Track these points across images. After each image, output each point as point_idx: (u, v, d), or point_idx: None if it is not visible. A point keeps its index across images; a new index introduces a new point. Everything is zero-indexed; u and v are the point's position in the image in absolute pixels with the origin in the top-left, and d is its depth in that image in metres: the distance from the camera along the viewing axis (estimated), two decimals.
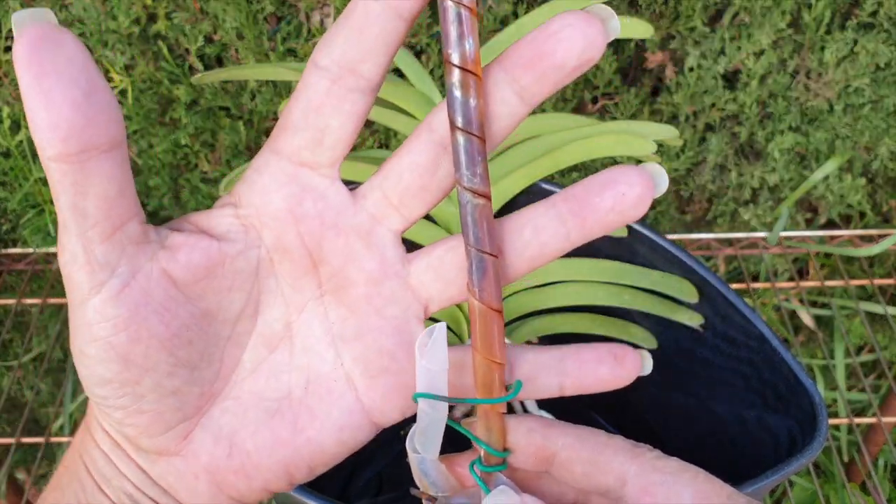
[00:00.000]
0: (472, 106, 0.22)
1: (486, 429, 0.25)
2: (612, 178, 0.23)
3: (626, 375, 0.25)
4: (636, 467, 0.25)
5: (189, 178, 0.76)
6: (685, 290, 0.50)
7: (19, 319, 0.86)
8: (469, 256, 0.23)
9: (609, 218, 0.23)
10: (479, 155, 0.22)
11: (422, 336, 0.25)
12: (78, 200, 0.22)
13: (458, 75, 0.21)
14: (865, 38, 0.66)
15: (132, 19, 0.66)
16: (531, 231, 0.24)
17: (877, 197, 0.78)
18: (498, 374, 0.24)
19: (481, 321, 0.24)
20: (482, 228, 0.23)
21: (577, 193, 0.23)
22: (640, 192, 0.23)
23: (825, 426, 0.41)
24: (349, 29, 0.22)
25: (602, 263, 0.51)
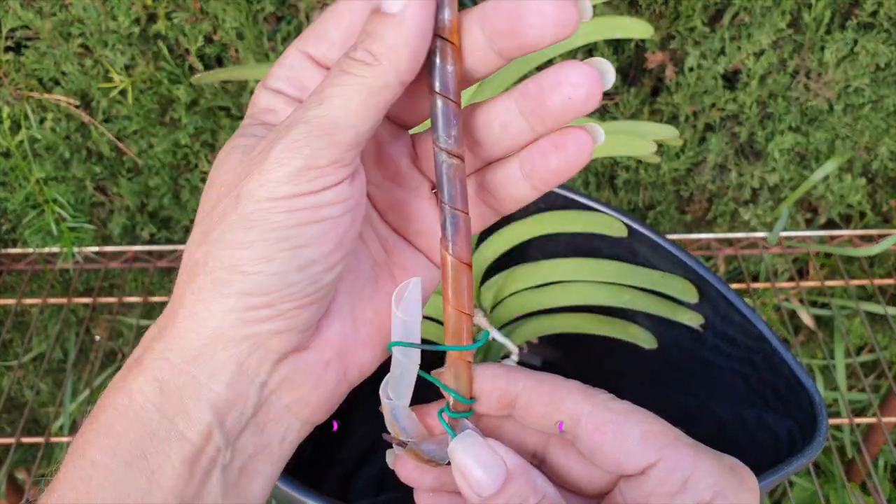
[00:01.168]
0: (450, 72, 0.23)
1: (454, 377, 0.27)
2: (558, 81, 0.24)
3: (576, 158, 0.26)
4: (590, 407, 0.27)
5: (189, 178, 0.76)
6: (685, 290, 0.50)
7: (19, 319, 0.86)
8: (443, 213, 0.25)
9: (563, 117, 0.25)
10: (454, 118, 0.24)
11: (398, 289, 0.26)
12: (380, 116, 0.23)
13: (437, 43, 0.23)
14: (865, 38, 0.66)
15: (132, 19, 0.65)
16: (500, 127, 0.26)
17: (877, 197, 0.78)
18: (467, 325, 0.26)
19: (453, 274, 0.25)
20: (455, 187, 0.25)
21: (531, 92, 0.25)
22: (588, 91, 0.24)
23: (825, 426, 0.41)
24: None
25: (602, 263, 0.51)
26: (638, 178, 0.76)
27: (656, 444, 0.26)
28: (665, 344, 0.53)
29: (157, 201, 0.77)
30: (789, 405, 0.45)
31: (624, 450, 0.26)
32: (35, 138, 0.72)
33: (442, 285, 0.26)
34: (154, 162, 0.74)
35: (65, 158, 0.74)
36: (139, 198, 0.77)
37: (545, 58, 0.48)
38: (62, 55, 0.68)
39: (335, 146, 0.23)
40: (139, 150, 0.74)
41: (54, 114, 0.72)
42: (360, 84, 0.23)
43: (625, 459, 0.26)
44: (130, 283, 0.83)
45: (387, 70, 0.23)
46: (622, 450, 0.26)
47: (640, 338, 0.53)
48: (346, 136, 0.23)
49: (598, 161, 0.76)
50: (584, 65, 0.24)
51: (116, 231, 0.78)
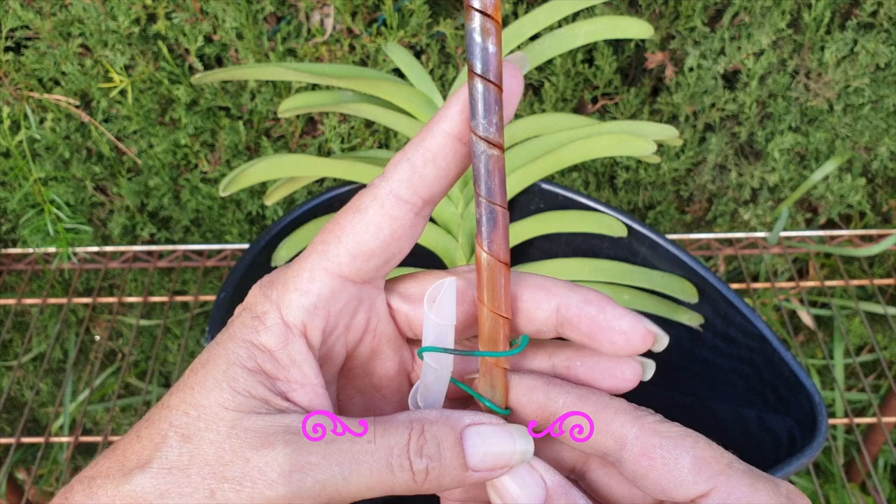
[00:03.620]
0: (492, 52, 0.22)
1: (489, 385, 0.25)
2: (612, 374, 0.26)
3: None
4: (636, 429, 0.24)
5: (189, 178, 0.76)
6: (685, 290, 0.50)
7: (19, 319, 0.86)
8: (479, 207, 0.23)
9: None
10: (496, 104, 0.22)
11: (431, 290, 0.25)
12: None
13: (478, 20, 0.21)
14: (865, 38, 0.66)
15: (132, 19, 0.65)
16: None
17: (877, 197, 0.78)
18: (504, 329, 0.24)
19: (489, 273, 0.24)
20: (494, 180, 0.23)
21: (580, 376, 0.26)
22: (630, 386, 0.26)
23: (825, 426, 0.41)
24: (438, 169, 0.24)
25: (602, 263, 0.51)
26: (638, 178, 0.76)
27: (708, 473, 0.24)
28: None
29: (156, 201, 0.77)
30: (789, 405, 0.44)
31: (673, 478, 0.24)
32: (35, 138, 0.72)
33: (477, 285, 0.25)
34: (154, 162, 0.74)
35: (64, 158, 0.74)
36: (139, 198, 0.77)
37: (543, 59, 0.48)
38: (62, 55, 0.68)
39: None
40: (139, 150, 0.74)
41: (54, 114, 0.72)
42: (392, 483, 0.23)
43: (674, 488, 0.24)
44: (130, 283, 0.83)
45: (417, 487, 0.23)
46: (671, 478, 0.24)
47: None
48: (343, 501, 0.23)
49: (599, 161, 0.76)
50: (635, 363, 0.26)
51: (116, 231, 0.78)
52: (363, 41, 0.68)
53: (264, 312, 0.24)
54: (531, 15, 0.47)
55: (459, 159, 0.23)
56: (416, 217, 0.24)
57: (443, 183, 0.24)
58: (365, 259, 0.24)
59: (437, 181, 0.24)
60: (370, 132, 0.73)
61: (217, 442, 0.22)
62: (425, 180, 0.23)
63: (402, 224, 0.24)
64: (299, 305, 0.24)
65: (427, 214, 0.25)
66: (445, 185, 0.24)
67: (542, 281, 0.25)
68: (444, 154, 0.23)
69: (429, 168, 0.23)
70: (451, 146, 0.23)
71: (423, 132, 0.23)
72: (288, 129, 0.74)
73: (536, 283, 0.25)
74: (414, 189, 0.23)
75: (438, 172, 0.23)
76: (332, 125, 0.72)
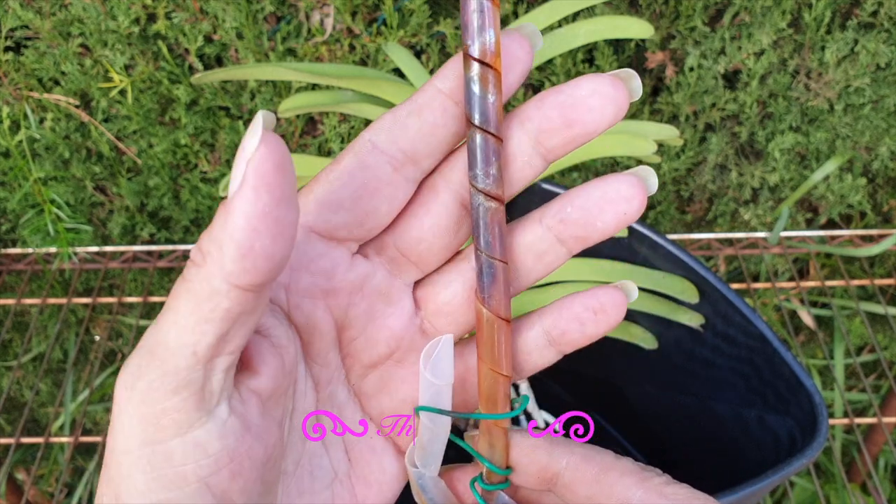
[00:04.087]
0: (491, 102, 0.21)
1: (488, 445, 0.24)
2: (608, 198, 0.22)
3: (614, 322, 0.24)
4: (642, 492, 0.23)
5: (189, 178, 0.76)
6: (686, 290, 0.50)
7: (19, 319, 0.86)
8: (478, 261, 0.22)
9: (613, 233, 0.23)
10: (494, 155, 0.21)
11: (427, 347, 0.24)
12: (232, 329, 0.19)
13: (477, 69, 0.20)
14: (866, 37, 0.66)
15: (132, 19, 0.65)
16: (534, 258, 0.23)
17: (877, 197, 0.78)
18: (504, 387, 0.23)
19: (488, 330, 0.23)
20: (493, 233, 0.22)
21: (574, 217, 0.22)
22: (640, 202, 0.22)
23: (825, 426, 0.41)
24: (423, 122, 0.22)
25: (602, 263, 0.51)
26: None
27: None
28: (665, 344, 0.53)
29: (156, 201, 0.77)
30: (789, 405, 0.44)
31: None
32: (34, 138, 0.72)
33: (476, 342, 0.23)
34: (154, 162, 0.74)
35: (64, 158, 0.74)
36: (139, 198, 0.77)
37: (543, 59, 0.48)
38: (62, 55, 0.68)
39: (170, 373, 0.19)
40: (139, 149, 0.74)
41: (54, 113, 0.71)
42: (187, 291, 0.19)
43: None
44: (130, 283, 0.83)
45: (212, 272, 0.18)
46: None
47: (641, 338, 0.53)
48: (183, 359, 0.19)
49: (599, 161, 0.76)
50: (630, 175, 0.22)
51: (116, 231, 0.78)
52: (363, 41, 0.68)
53: None
54: (531, 15, 0.47)
55: (449, 119, 0.22)
56: (393, 173, 0.22)
57: (428, 140, 0.22)
58: (332, 209, 0.22)
59: (420, 135, 0.22)
60: None
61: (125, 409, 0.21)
62: (407, 131, 0.22)
63: (375, 175, 0.22)
64: None
65: (413, 177, 0.22)
66: (432, 143, 0.22)
67: None
68: (432, 108, 0.21)
69: (412, 119, 0.22)
70: (440, 102, 0.21)
71: (416, 91, 0.22)
72: (288, 129, 0.74)
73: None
74: (393, 139, 0.22)
75: (423, 126, 0.22)
76: (332, 125, 0.72)
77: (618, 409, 0.59)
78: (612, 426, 0.60)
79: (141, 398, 0.19)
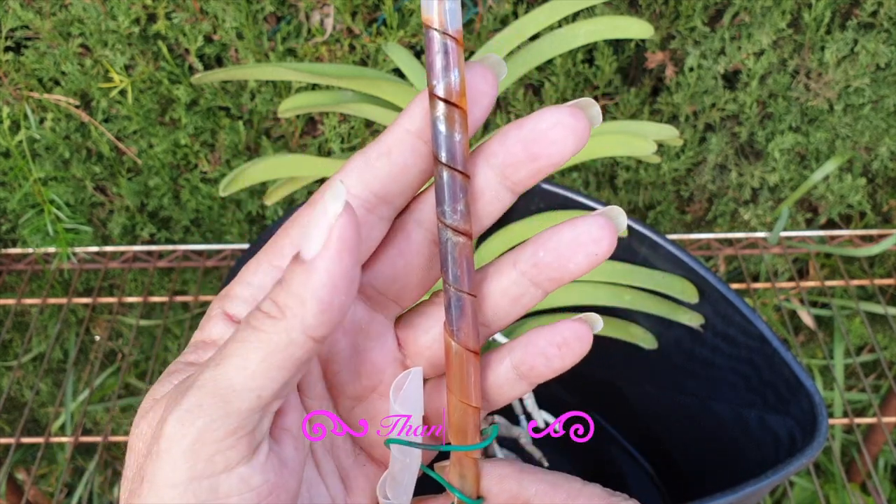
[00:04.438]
0: (457, 140, 0.21)
1: (459, 475, 0.25)
2: (581, 241, 0.22)
3: (579, 354, 0.24)
4: None
5: (189, 178, 0.76)
6: (686, 291, 0.50)
7: (19, 319, 0.86)
8: (447, 295, 0.23)
9: (584, 274, 0.23)
10: (461, 191, 0.22)
11: (397, 379, 0.24)
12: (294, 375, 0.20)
13: (442, 109, 0.21)
14: (865, 38, 0.66)
15: (132, 19, 0.65)
16: (510, 302, 0.24)
17: (877, 197, 0.78)
18: (473, 419, 0.24)
19: (457, 362, 0.23)
20: (461, 267, 0.22)
21: (547, 261, 0.23)
22: (609, 242, 0.22)
23: (825, 426, 0.41)
24: (393, 164, 0.22)
25: (603, 263, 0.51)
26: (638, 178, 0.76)
27: None
28: (665, 344, 0.53)
29: (156, 201, 0.77)
30: (789, 405, 0.44)
31: None
32: (34, 138, 0.72)
33: (446, 375, 0.24)
34: (154, 162, 0.74)
35: (64, 158, 0.74)
36: (139, 198, 0.77)
37: (543, 59, 0.48)
38: (62, 55, 0.68)
39: (232, 414, 0.20)
40: (139, 149, 0.74)
41: (54, 114, 0.71)
42: (261, 341, 0.20)
43: None
44: (130, 283, 0.83)
45: (291, 325, 0.20)
46: None
47: (641, 338, 0.53)
48: (246, 402, 0.20)
49: (599, 161, 0.76)
50: (599, 217, 0.22)
51: (116, 231, 0.78)
52: (363, 41, 0.68)
53: (211, 310, 0.23)
54: (531, 15, 0.47)
55: (419, 157, 0.22)
56: (367, 214, 0.23)
57: (399, 180, 0.22)
58: None
59: (391, 177, 0.22)
60: (370, 132, 0.73)
61: (143, 435, 0.22)
62: (377, 174, 0.22)
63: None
64: (239, 296, 0.23)
65: (386, 216, 0.23)
66: (403, 183, 0.23)
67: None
68: (401, 149, 0.22)
69: (382, 161, 0.22)
70: (409, 142, 0.22)
71: (384, 131, 0.23)
72: (288, 129, 0.74)
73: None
74: (364, 182, 0.22)
75: (393, 168, 0.22)
76: (332, 125, 0.72)
77: (618, 409, 0.59)
78: (612, 426, 0.60)
79: (197, 436, 0.20)
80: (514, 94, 0.71)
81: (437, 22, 0.20)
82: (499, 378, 0.25)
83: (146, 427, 0.21)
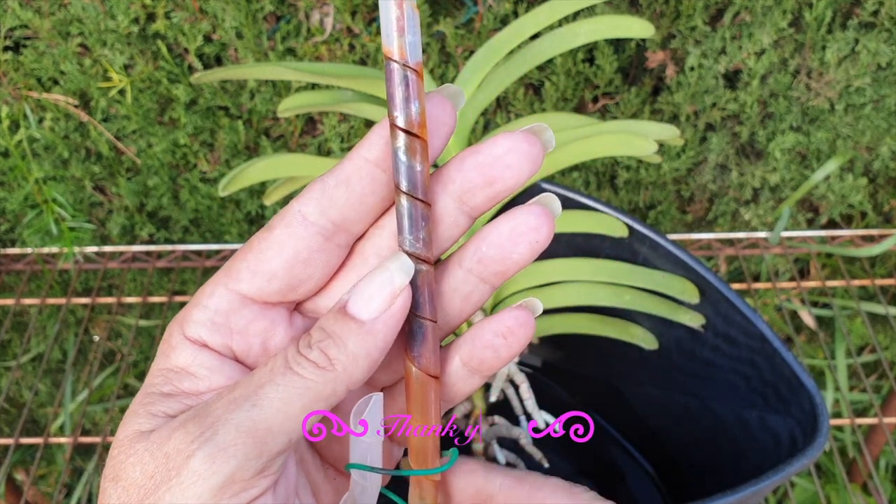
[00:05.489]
0: (418, 170, 0.22)
1: (419, 498, 0.25)
2: (518, 231, 0.23)
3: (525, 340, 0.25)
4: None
5: (188, 178, 0.75)
6: (686, 291, 0.50)
7: (18, 320, 0.86)
8: (408, 322, 0.23)
9: (528, 263, 0.24)
10: (422, 220, 0.22)
11: (358, 404, 0.24)
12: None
13: (403, 139, 0.21)
14: (866, 37, 0.66)
15: (131, 19, 0.65)
16: (461, 300, 0.24)
17: (878, 197, 0.78)
18: (433, 443, 0.24)
19: (418, 388, 0.23)
20: (424, 295, 0.23)
21: (491, 255, 0.23)
22: (549, 228, 0.23)
23: (826, 427, 0.41)
24: (351, 192, 0.23)
25: (603, 263, 0.51)
26: (639, 177, 0.76)
27: None
28: (666, 344, 0.52)
29: (156, 201, 0.77)
30: (790, 405, 0.44)
31: None
32: (34, 138, 0.72)
33: (406, 399, 0.24)
34: (153, 161, 0.74)
35: (63, 158, 0.74)
36: (138, 197, 0.77)
37: (544, 58, 0.48)
38: (61, 54, 0.68)
39: (265, 455, 0.21)
40: (138, 149, 0.74)
41: (53, 113, 0.71)
42: (307, 388, 0.21)
43: None
44: (129, 284, 0.83)
45: (340, 378, 0.21)
46: None
47: (641, 338, 0.53)
48: (279, 445, 0.21)
49: (599, 161, 0.76)
50: (534, 206, 0.23)
51: (115, 231, 0.78)
52: (363, 40, 0.68)
53: (170, 335, 0.23)
54: (531, 14, 0.47)
55: (377, 186, 0.23)
56: (325, 242, 0.23)
57: (357, 209, 0.23)
58: (266, 279, 0.23)
59: (349, 205, 0.23)
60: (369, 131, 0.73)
61: (142, 464, 0.21)
62: (335, 202, 0.23)
63: (307, 245, 0.23)
64: (197, 320, 0.23)
65: (344, 243, 0.23)
66: (361, 211, 0.23)
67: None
68: (359, 178, 0.22)
69: (340, 190, 0.22)
70: (367, 171, 0.22)
71: (342, 158, 0.23)
72: (287, 129, 0.74)
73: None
74: (322, 210, 0.23)
75: (351, 196, 0.22)
76: (332, 125, 0.72)
77: (618, 409, 0.59)
78: (612, 426, 0.60)
79: (230, 475, 0.20)
80: (515, 94, 0.71)
81: (397, 54, 0.21)
82: (450, 377, 0.25)
83: (147, 457, 0.21)
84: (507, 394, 0.50)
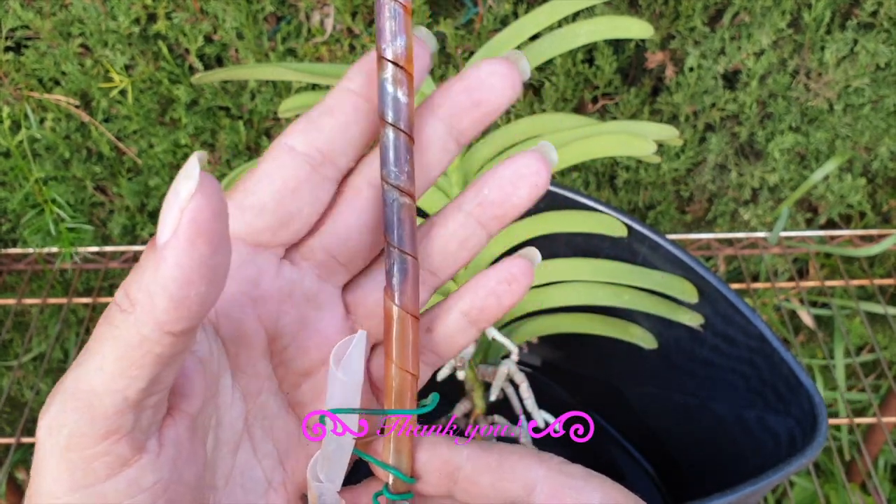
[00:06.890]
0: (404, 102, 0.22)
1: (395, 451, 0.24)
2: (521, 173, 0.24)
3: (526, 288, 0.25)
4: (544, 471, 0.24)
5: None
6: (685, 291, 0.50)
7: (19, 319, 0.86)
8: (390, 258, 0.23)
9: (527, 207, 0.24)
10: (407, 153, 0.22)
11: (339, 345, 0.23)
12: (164, 371, 0.19)
13: (390, 70, 0.22)
14: (865, 37, 0.66)
15: (132, 19, 0.65)
16: (458, 244, 0.24)
17: (877, 197, 0.78)
18: (412, 386, 0.24)
19: (399, 327, 0.23)
20: (405, 228, 0.23)
21: (492, 198, 0.24)
22: (548, 170, 0.24)
23: (825, 426, 0.41)
24: (336, 121, 0.23)
25: (602, 263, 0.51)
26: (638, 177, 0.76)
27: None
28: (665, 344, 0.53)
29: (157, 201, 0.77)
30: (789, 405, 0.44)
31: None
32: (35, 138, 0.72)
33: (384, 340, 0.23)
34: (154, 162, 0.74)
35: (65, 158, 0.74)
36: (139, 198, 0.77)
37: (543, 59, 0.48)
38: (62, 55, 0.68)
39: (99, 419, 0.18)
40: (139, 149, 0.74)
41: (54, 114, 0.72)
42: (115, 338, 0.18)
43: None
44: None
45: (142, 320, 0.18)
46: None
47: (640, 338, 0.53)
48: (112, 406, 0.18)
49: (599, 161, 0.76)
50: (534, 152, 0.24)
51: (116, 231, 0.78)
52: (363, 41, 0.68)
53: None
54: (531, 15, 0.47)
55: (361, 115, 0.23)
56: (313, 171, 0.22)
57: (343, 137, 0.23)
58: (255, 212, 0.22)
59: (335, 133, 0.22)
60: None
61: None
62: (322, 130, 0.22)
63: (295, 175, 0.22)
64: None
65: (332, 177, 0.23)
66: (347, 139, 0.23)
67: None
68: (343, 107, 0.23)
69: (325, 119, 0.22)
70: (350, 101, 0.23)
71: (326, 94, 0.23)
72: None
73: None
74: (309, 139, 0.22)
75: (336, 124, 0.22)
76: None
77: (618, 409, 0.59)
78: (612, 426, 0.60)
79: (67, 444, 0.18)
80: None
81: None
82: (449, 328, 0.25)
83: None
84: (507, 393, 0.50)
